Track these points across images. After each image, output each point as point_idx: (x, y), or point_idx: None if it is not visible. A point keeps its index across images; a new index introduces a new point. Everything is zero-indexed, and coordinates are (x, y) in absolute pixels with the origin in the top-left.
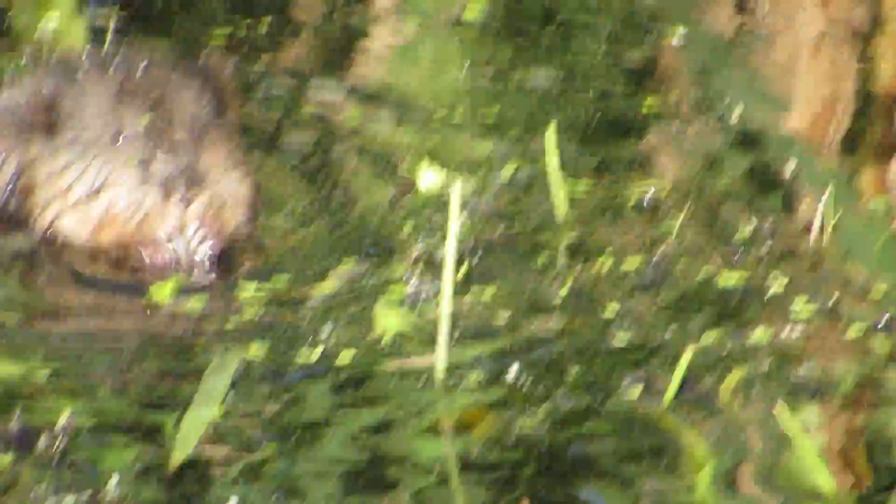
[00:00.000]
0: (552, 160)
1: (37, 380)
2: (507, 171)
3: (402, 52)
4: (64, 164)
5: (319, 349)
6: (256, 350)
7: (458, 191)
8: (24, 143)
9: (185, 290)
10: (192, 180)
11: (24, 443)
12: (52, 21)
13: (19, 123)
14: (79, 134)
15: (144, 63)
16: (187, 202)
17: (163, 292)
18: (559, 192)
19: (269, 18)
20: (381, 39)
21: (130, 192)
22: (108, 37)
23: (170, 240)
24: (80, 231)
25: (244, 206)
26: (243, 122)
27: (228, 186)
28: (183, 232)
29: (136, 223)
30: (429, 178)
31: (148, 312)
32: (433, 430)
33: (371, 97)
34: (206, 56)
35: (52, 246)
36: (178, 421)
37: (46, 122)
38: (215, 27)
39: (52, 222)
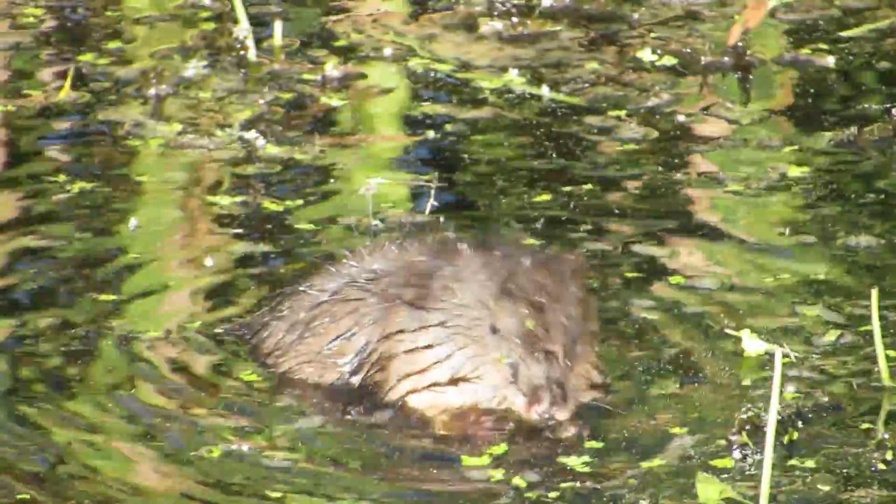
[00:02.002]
0: (876, 326)
1: None
2: (830, 337)
3: (722, 212)
4: (428, 343)
5: None
6: None
7: (780, 356)
8: (387, 312)
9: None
10: (560, 395)
11: None
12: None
13: (383, 292)
14: (450, 318)
15: (525, 261)
16: (550, 415)
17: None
18: (882, 359)
19: (587, 186)
20: (702, 202)
21: (496, 390)
22: (430, 202)
23: None
24: (432, 411)
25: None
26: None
27: (589, 395)
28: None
29: (496, 416)
30: (752, 344)
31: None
32: None
33: (691, 256)
34: (569, 256)
35: (406, 419)
36: None
37: (415, 295)
38: (534, 195)
39: (405, 396)
